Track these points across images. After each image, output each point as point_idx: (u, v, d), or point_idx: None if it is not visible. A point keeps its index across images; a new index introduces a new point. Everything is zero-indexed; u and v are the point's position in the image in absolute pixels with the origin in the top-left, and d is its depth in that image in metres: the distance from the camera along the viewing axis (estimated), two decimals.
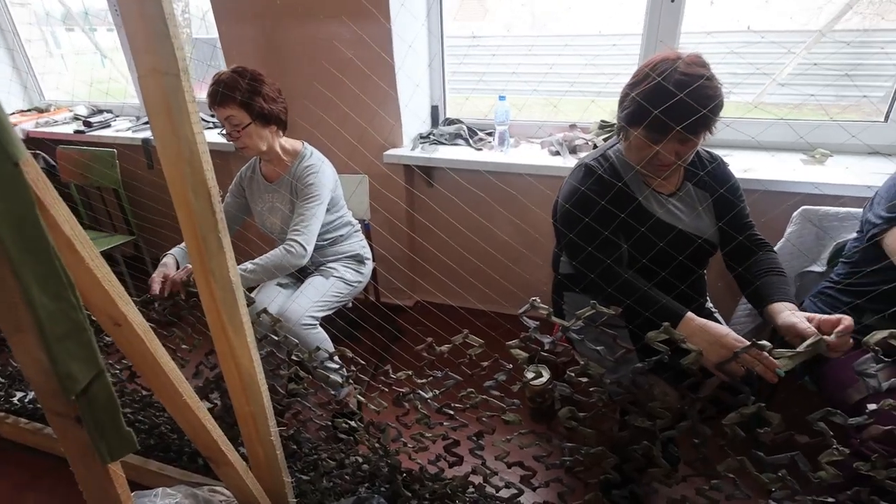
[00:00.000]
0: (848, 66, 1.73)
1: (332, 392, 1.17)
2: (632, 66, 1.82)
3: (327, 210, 1.52)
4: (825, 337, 0.83)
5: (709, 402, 0.81)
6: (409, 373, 1.03)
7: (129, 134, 2.31)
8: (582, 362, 0.87)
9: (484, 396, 0.99)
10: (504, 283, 1.59)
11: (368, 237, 1.79)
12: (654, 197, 1.16)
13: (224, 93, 1.36)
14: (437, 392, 1.04)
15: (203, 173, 0.76)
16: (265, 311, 1.07)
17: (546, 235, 1.35)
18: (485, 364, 0.94)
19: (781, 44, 1.79)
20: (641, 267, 1.10)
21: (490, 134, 1.92)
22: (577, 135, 1.87)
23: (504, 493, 1.13)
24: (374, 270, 1.86)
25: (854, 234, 1.28)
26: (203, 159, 0.75)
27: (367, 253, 1.71)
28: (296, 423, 1.29)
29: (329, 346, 1.45)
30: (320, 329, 1.45)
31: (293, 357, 1.13)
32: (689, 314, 1.00)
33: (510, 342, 0.89)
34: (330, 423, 1.27)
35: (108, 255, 2.17)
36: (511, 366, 0.93)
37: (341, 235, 1.64)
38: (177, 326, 1.25)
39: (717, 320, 1.26)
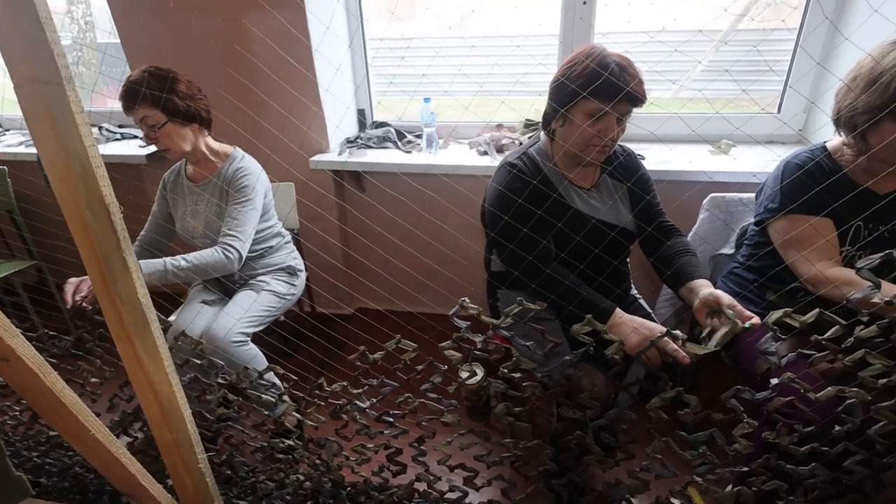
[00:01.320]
0: (752, 63, 1.87)
1: (266, 412, 1.12)
2: (552, 65, 1.89)
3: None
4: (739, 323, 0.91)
5: (636, 390, 0.85)
6: (345, 384, 1.01)
7: (22, 149, 2.10)
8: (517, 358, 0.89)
9: (422, 400, 0.98)
10: (441, 284, 1.59)
11: (299, 247, 1.73)
12: (576, 192, 1.21)
13: (135, 92, 1.28)
14: (375, 401, 1.02)
15: (99, 189, 0.69)
16: (183, 333, 1.00)
17: (480, 234, 1.37)
18: (420, 368, 0.93)
19: (692, 42, 1.91)
20: (571, 259, 1.14)
21: (419, 136, 1.91)
22: (504, 134, 1.91)
23: (450, 497, 1.13)
24: (308, 281, 1.80)
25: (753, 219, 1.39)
26: (98, 174, 0.69)
27: (300, 264, 1.65)
28: (228, 448, 1.22)
29: (262, 362, 1.39)
30: (252, 345, 1.39)
31: (221, 379, 1.07)
32: (618, 310, 1.06)
33: (443, 343, 0.89)
34: (267, 444, 1.21)
35: (5, 283, 1.97)
36: (446, 367, 0.93)
37: (271, 247, 1.58)
38: (83, 359, 1.15)
39: (641, 306, 1.32)
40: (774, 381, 0.80)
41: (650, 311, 1.33)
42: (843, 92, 1.07)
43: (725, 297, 1.02)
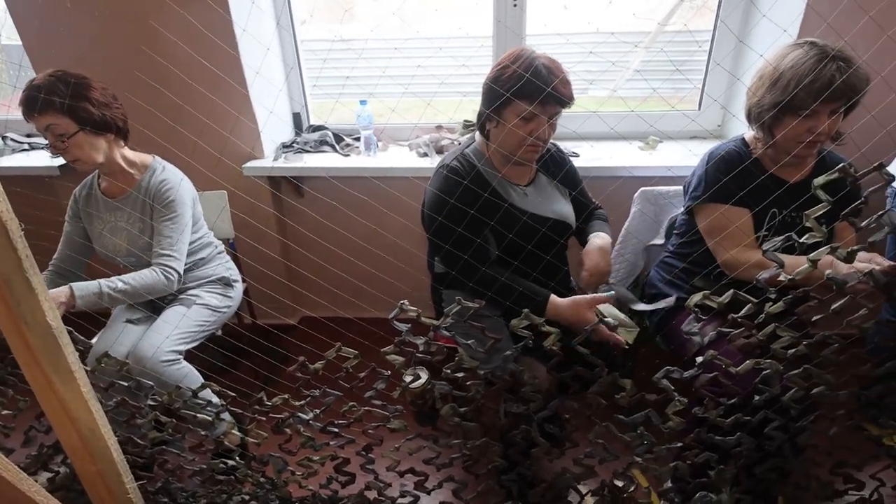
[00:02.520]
0: (678, 63, 1.98)
1: (203, 432, 1.06)
2: (487, 66, 1.92)
3: None
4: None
5: (573, 380, 0.87)
6: (286, 396, 0.97)
7: None
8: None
9: (367, 408, 0.97)
10: (386, 289, 1.58)
11: (235, 257, 1.66)
12: (513, 189, 1.23)
13: (40, 98, 1.18)
14: (319, 412, 0.99)
15: None
16: (106, 355, 0.94)
17: (423, 237, 1.36)
18: (362, 375, 0.92)
19: (624, 44, 1.99)
20: (511, 255, 1.17)
21: (357, 139, 1.89)
22: (444, 135, 1.92)
23: (402, 502, 1.11)
24: (248, 291, 1.73)
25: (681, 209, 1.47)
26: None
27: (235, 275, 1.58)
28: (164, 474, 1.15)
29: (197, 380, 1.32)
30: (185, 363, 1.32)
31: (151, 401, 1.01)
32: (553, 297, 1.11)
33: (385, 349, 0.88)
34: (206, 467, 1.15)
35: None
36: (389, 372, 0.92)
37: (202, 259, 1.50)
38: None
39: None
40: (699, 359, 0.85)
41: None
42: (751, 90, 1.15)
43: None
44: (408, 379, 0.91)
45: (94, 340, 1.38)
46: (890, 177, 0.70)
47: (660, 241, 1.61)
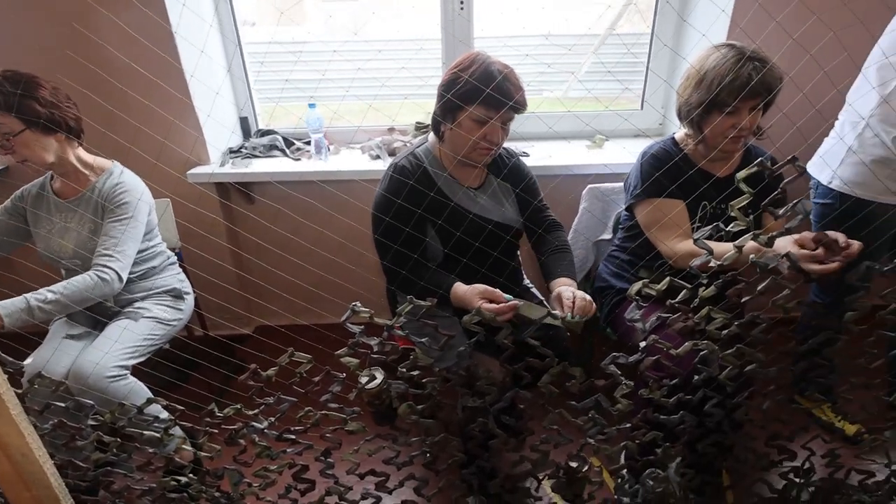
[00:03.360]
0: (626, 65, 2.05)
1: (152, 450, 1.02)
2: (437, 69, 1.94)
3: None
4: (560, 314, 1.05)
5: (525, 371, 0.90)
6: (238, 406, 0.95)
7: None
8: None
9: (323, 412, 0.96)
10: (343, 293, 1.56)
11: (183, 268, 1.60)
12: (463, 191, 1.25)
13: None
14: (273, 419, 0.97)
15: None
16: (40, 375, 0.89)
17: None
18: (317, 379, 0.91)
19: (573, 46, 2.05)
20: (460, 255, 1.18)
21: (308, 143, 1.86)
22: (396, 137, 1.92)
23: None
24: (198, 302, 1.68)
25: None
26: None
27: (186, 286, 1.53)
28: (111, 497, 1.10)
29: (145, 396, 1.26)
30: (132, 379, 1.26)
31: (93, 421, 0.96)
32: (456, 283, 1.14)
33: (338, 351, 0.88)
34: (157, 486, 1.11)
35: None
36: (344, 375, 0.91)
37: (153, 268, 1.45)
38: None
39: (533, 294, 1.40)
40: (643, 344, 0.89)
41: (542, 298, 1.42)
42: (680, 90, 1.22)
43: (565, 295, 1.13)
44: (363, 380, 0.91)
45: (28, 360, 1.30)
46: (802, 169, 0.76)
47: (607, 235, 1.68)
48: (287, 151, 1.84)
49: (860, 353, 0.99)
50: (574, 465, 1.04)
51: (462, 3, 1.78)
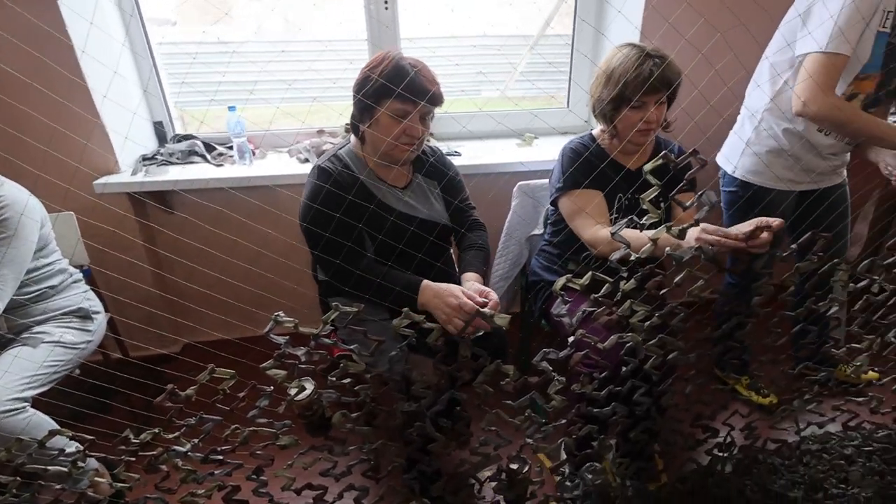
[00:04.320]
0: (556, 65, 2.10)
1: (59, 486, 0.93)
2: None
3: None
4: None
5: (460, 371, 0.90)
6: (156, 430, 0.88)
7: None
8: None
9: (252, 428, 0.91)
10: (277, 304, 1.49)
11: (94, 285, 1.48)
12: (390, 191, 1.24)
13: None
14: (197, 441, 0.91)
15: None
16: None
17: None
18: (242, 395, 0.86)
19: (500, 47, 2.08)
20: (390, 257, 1.17)
21: (231, 148, 1.77)
22: (326, 140, 1.87)
23: None
24: (115, 323, 1.55)
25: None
26: None
27: (96, 305, 1.41)
28: None
29: (48, 429, 1.15)
30: (32, 412, 1.14)
31: None
32: (425, 281, 1.13)
33: (263, 364, 0.83)
34: None
35: None
36: (271, 388, 0.87)
37: (52, 287, 1.32)
38: None
39: None
40: (571, 339, 0.91)
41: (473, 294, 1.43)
42: (593, 87, 1.28)
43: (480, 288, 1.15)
44: (293, 392, 0.87)
45: None
46: (703, 161, 0.81)
47: (539, 231, 1.72)
48: (208, 157, 1.74)
49: (767, 332, 1.07)
50: (514, 466, 1.05)
51: (386, 2, 1.76)
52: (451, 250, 1.42)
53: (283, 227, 1.28)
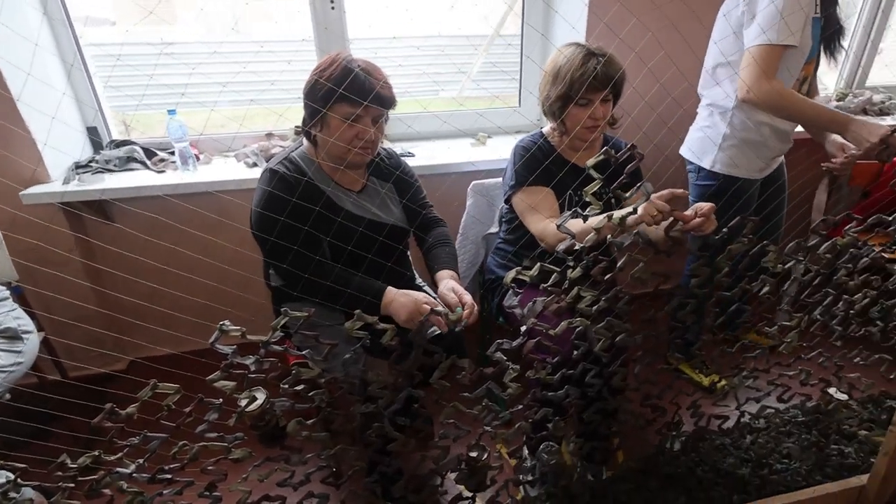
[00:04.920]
0: (507, 64, 2.13)
1: None
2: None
3: None
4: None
5: (416, 369, 0.90)
6: (95, 453, 0.84)
7: None
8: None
9: (202, 443, 0.88)
10: (227, 314, 1.44)
11: (26, 303, 1.39)
12: (346, 195, 1.22)
13: None
14: (142, 461, 0.87)
15: None
16: None
17: (258, 250, 1.28)
18: (188, 409, 0.83)
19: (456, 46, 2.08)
20: (348, 261, 1.15)
21: (173, 153, 1.70)
22: (275, 143, 1.83)
23: None
24: (51, 344, 1.46)
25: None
26: None
27: (26, 324, 1.32)
28: None
29: None
30: None
31: None
32: (388, 288, 1.12)
33: (210, 376, 0.81)
34: None
35: None
36: (220, 401, 0.84)
37: None
38: None
39: (427, 292, 1.41)
40: (524, 328, 0.93)
41: (433, 295, 1.43)
42: (541, 85, 1.31)
43: (457, 288, 1.16)
44: (243, 402, 0.84)
45: None
46: (641, 155, 0.84)
47: (494, 229, 1.74)
48: (148, 163, 1.67)
49: (706, 313, 1.13)
50: (474, 454, 1.06)
51: (332, 2, 1.74)
52: (408, 252, 1.42)
53: (230, 235, 1.24)
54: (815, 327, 1.28)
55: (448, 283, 1.16)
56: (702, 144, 1.58)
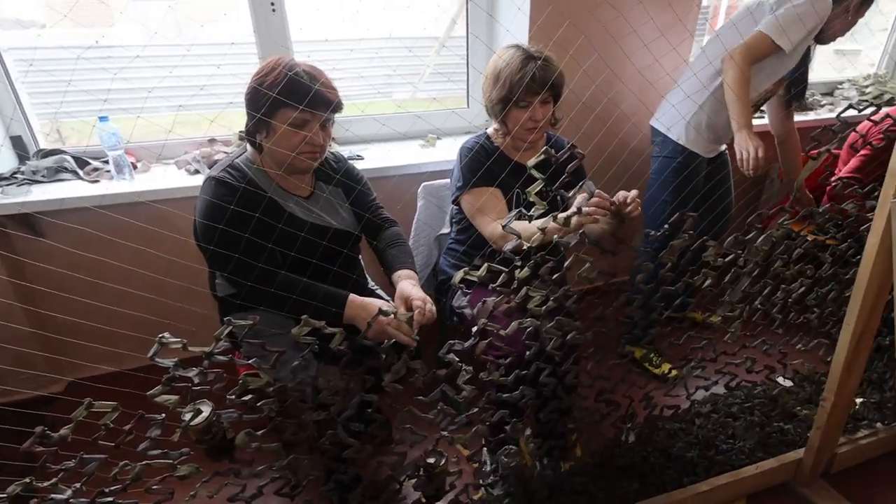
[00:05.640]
0: (455, 66, 2.14)
1: None
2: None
3: None
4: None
5: (368, 374, 0.89)
6: (26, 480, 0.78)
7: None
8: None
9: (144, 462, 0.84)
10: (170, 327, 1.38)
11: None
12: (294, 201, 1.20)
13: None
14: (80, 485, 0.82)
15: None
16: None
17: (203, 261, 1.23)
18: (128, 427, 0.79)
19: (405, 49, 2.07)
20: (299, 267, 1.13)
21: (107, 162, 1.62)
22: (218, 149, 1.77)
23: None
24: None
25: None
26: None
27: None
28: None
29: None
30: None
31: None
32: (351, 295, 1.10)
33: (151, 391, 0.77)
34: None
35: None
36: (163, 415, 0.81)
37: None
38: None
39: (380, 295, 1.40)
40: (475, 328, 0.94)
41: (388, 299, 1.42)
42: (483, 87, 1.34)
43: (410, 292, 1.13)
44: (188, 416, 0.81)
45: None
46: (582, 155, 0.87)
47: (446, 230, 1.75)
48: (80, 173, 1.57)
49: (652, 308, 1.18)
50: (432, 460, 1.06)
51: (273, 3, 1.71)
52: (359, 257, 1.40)
53: (171, 245, 1.19)
54: (756, 316, 1.36)
55: (407, 283, 1.14)
56: (672, 117, 1.69)
